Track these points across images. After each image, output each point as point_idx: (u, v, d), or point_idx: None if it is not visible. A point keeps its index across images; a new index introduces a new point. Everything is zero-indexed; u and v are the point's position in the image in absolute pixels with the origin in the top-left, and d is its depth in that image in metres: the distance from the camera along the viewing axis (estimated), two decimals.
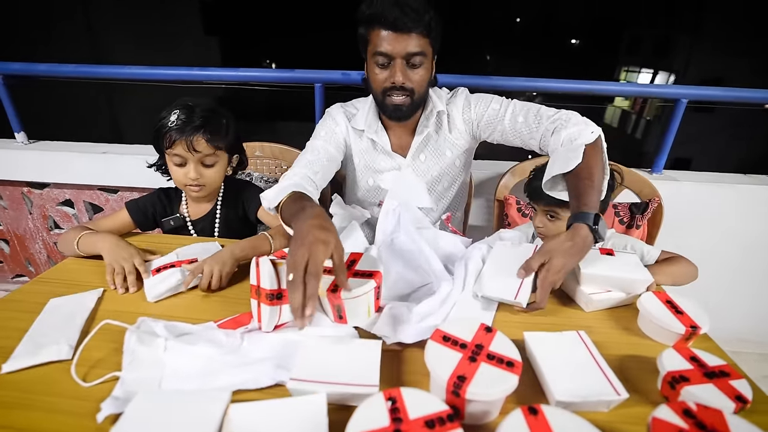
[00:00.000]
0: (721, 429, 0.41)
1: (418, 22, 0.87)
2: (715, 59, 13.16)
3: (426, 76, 0.95)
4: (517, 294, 0.68)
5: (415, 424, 0.41)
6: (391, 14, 0.85)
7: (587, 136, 0.84)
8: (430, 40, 0.92)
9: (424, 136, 1.04)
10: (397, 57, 0.90)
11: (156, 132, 0.92)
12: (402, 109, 0.96)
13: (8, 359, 0.56)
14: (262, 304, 0.62)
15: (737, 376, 0.53)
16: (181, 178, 0.94)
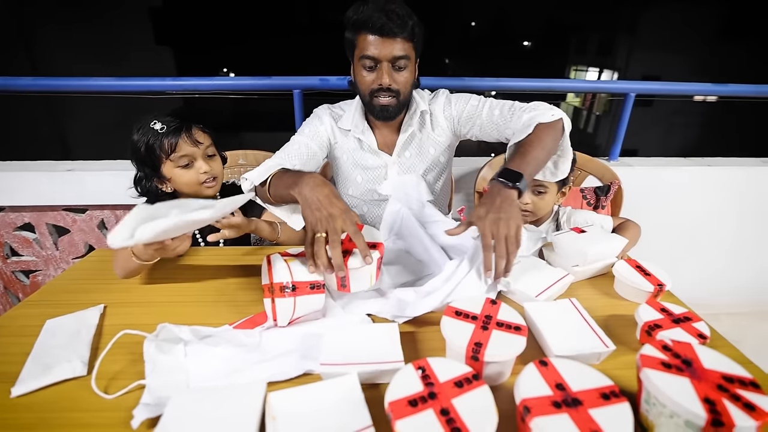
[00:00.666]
0: (691, 356, 0.49)
1: (403, 28, 0.93)
2: (653, 57, 14.33)
3: (410, 78, 1.01)
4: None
5: (446, 386, 0.47)
6: (378, 20, 0.91)
7: (545, 117, 0.90)
8: (413, 44, 0.98)
9: (408, 135, 1.10)
10: (383, 60, 0.96)
11: (147, 149, 0.90)
12: (389, 109, 1.02)
13: (15, 383, 0.54)
14: (277, 299, 0.64)
15: (697, 319, 0.64)
16: (193, 177, 0.94)
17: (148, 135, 0.89)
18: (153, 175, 0.94)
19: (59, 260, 1.62)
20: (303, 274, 0.66)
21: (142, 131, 0.90)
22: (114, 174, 1.49)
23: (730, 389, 0.45)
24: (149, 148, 0.90)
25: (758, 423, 0.41)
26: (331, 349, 0.57)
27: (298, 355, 0.60)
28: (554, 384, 0.47)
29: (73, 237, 1.59)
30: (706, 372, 0.47)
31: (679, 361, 0.49)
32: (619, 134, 1.63)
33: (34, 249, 1.60)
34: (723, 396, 0.44)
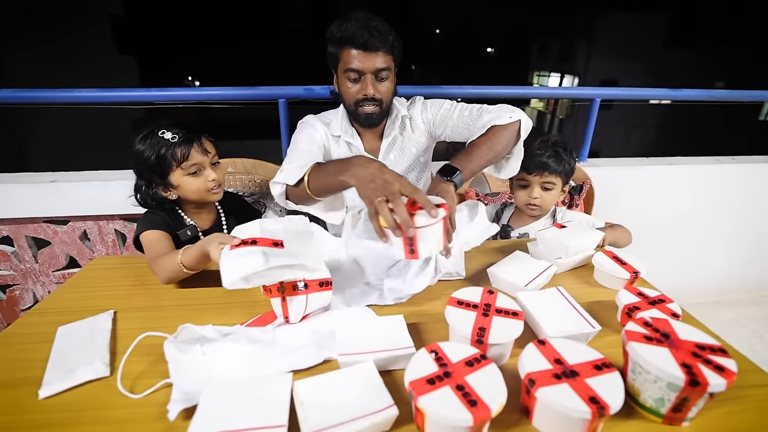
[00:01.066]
0: (668, 329, 0.56)
1: (385, 43, 1.00)
2: (610, 62, 15.18)
3: (391, 87, 1.09)
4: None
5: (458, 366, 0.51)
6: (362, 36, 0.98)
7: (502, 120, 0.96)
8: (393, 56, 1.06)
9: (391, 138, 1.18)
10: (367, 72, 1.03)
11: (157, 158, 0.91)
12: (373, 116, 1.09)
13: (41, 386, 0.56)
14: (289, 297, 0.68)
15: (670, 301, 0.72)
16: (201, 185, 0.96)
17: (158, 144, 0.91)
18: (160, 182, 0.95)
19: (38, 273, 1.57)
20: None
21: (150, 141, 0.92)
22: (97, 184, 1.47)
23: (703, 355, 0.52)
24: (161, 157, 0.91)
25: (727, 381, 0.48)
26: (346, 340, 0.61)
27: (313, 346, 0.63)
28: (553, 359, 0.53)
29: (53, 249, 1.54)
30: (681, 342, 0.54)
31: (659, 335, 0.55)
32: (587, 137, 1.75)
33: (11, 263, 1.54)
34: (697, 361, 0.51)
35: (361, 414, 0.48)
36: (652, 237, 1.91)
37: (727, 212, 1.95)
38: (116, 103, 1.56)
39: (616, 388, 0.49)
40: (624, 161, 1.84)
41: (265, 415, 0.48)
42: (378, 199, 0.67)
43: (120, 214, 1.54)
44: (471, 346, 0.58)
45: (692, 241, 1.99)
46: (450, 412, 0.45)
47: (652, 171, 1.80)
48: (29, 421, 0.51)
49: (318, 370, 0.58)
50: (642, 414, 0.54)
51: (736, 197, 1.93)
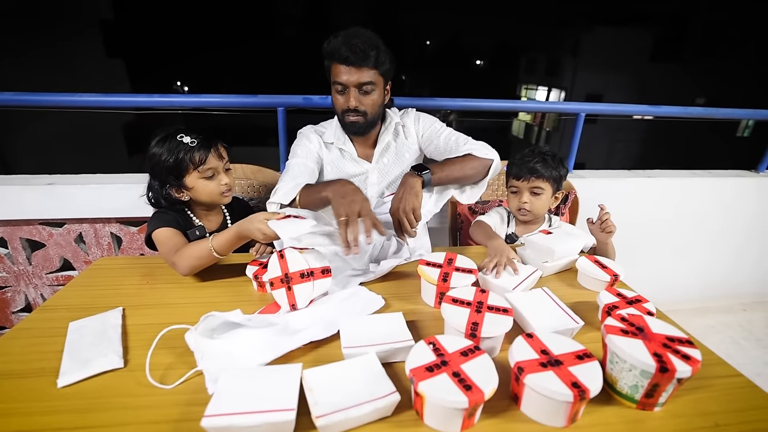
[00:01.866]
0: (642, 324, 0.62)
1: (365, 59, 1.06)
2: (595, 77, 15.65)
3: (377, 100, 1.15)
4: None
5: (454, 356, 0.56)
6: (345, 53, 1.05)
7: (479, 152, 1.12)
8: (378, 71, 1.11)
9: (384, 144, 1.24)
10: (350, 86, 1.09)
11: (175, 162, 0.95)
12: (356, 125, 1.16)
13: (59, 376, 0.59)
14: (295, 285, 0.75)
15: (645, 301, 0.78)
16: (215, 188, 1.00)
17: (177, 147, 0.95)
18: (175, 184, 0.99)
19: (31, 276, 1.57)
20: (316, 261, 0.80)
21: (168, 144, 0.95)
22: (95, 187, 1.48)
23: (672, 346, 0.58)
24: (179, 160, 0.95)
25: (692, 368, 0.54)
26: (349, 334, 0.66)
27: (324, 323, 0.71)
28: (539, 350, 0.58)
29: (48, 251, 1.55)
30: (654, 335, 0.60)
31: (634, 328, 0.61)
32: (573, 149, 1.83)
33: (5, 264, 1.53)
34: (667, 351, 0.57)
35: (366, 399, 0.52)
36: (633, 246, 2.00)
37: (705, 223, 2.05)
38: (112, 108, 1.56)
39: (595, 374, 0.54)
40: (607, 173, 1.93)
41: (276, 400, 0.52)
42: (341, 219, 0.84)
43: (116, 217, 1.55)
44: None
45: (671, 250, 2.08)
46: (447, 395, 0.50)
47: (633, 183, 1.89)
48: (51, 407, 0.54)
49: (324, 360, 0.62)
50: (619, 400, 0.59)
51: (714, 209, 2.03)
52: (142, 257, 1.05)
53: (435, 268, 0.84)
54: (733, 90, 14.21)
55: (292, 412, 0.50)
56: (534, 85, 19.84)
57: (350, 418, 0.51)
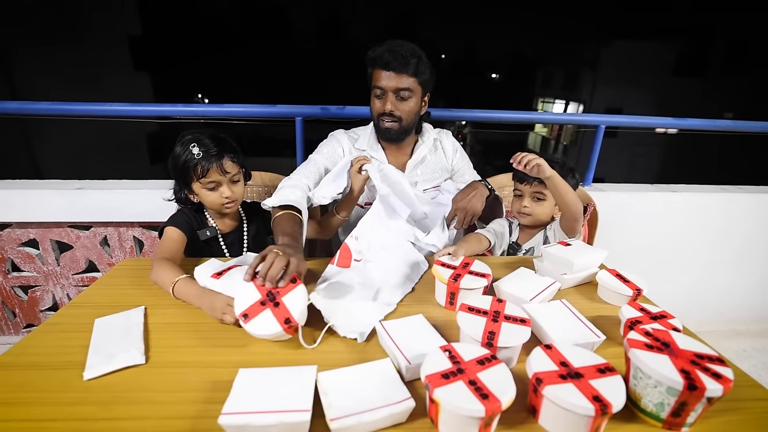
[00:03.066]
0: (669, 339, 0.60)
1: (405, 65, 1.10)
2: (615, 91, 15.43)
3: (414, 108, 1.17)
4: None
5: (471, 364, 0.55)
6: (386, 58, 1.10)
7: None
8: (417, 79, 1.14)
9: (421, 157, 1.28)
10: (388, 90, 1.14)
11: (182, 167, 0.99)
12: (391, 131, 1.19)
13: (85, 369, 0.61)
14: (283, 298, 0.71)
15: (671, 317, 0.75)
16: (216, 199, 1.03)
17: (185, 155, 0.99)
18: (185, 187, 1.04)
19: (59, 276, 1.63)
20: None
21: (182, 148, 1.00)
22: (121, 192, 1.54)
23: (701, 363, 0.55)
24: (185, 167, 1.00)
25: (724, 387, 0.52)
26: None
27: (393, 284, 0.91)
28: (559, 362, 0.57)
29: (75, 253, 1.60)
30: (681, 351, 0.58)
31: (659, 344, 0.59)
32: (592, 162, 1.81)
33: (35, 264, 1.60)
34: (696, 368, 0.54)
35: (381, 404, 0.52)
36: (655, 262, 1.93)
37: (734, 241, 1.97)
38: (136, 117, 1.62)
39: (618, 389, 0.52)
40: (628, 187, 1.88)
41: (292, 400, 0.52)
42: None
43: (139, 221, 1.61)
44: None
45: (697, 268, 2.00)
46: (463, 403, 0.49)
47: (656, 197, 1.84)
48: (77, 398, 0.56)
49: (338, 364, 0.61)
50: (643, 418, 0.57)
51: (743, 227, 1.94)
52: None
53: (448, 269, 0.86)
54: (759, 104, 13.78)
55: (307, 413, 0.51)
56: (551, 98, 19.72)
57: (364, 423, 0.50)
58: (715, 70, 15.57)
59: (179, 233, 1.02)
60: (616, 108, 15.30)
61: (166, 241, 1.00)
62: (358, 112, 1.58)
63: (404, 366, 0.60)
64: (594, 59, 16.65)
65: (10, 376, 0.60)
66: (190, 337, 0.71)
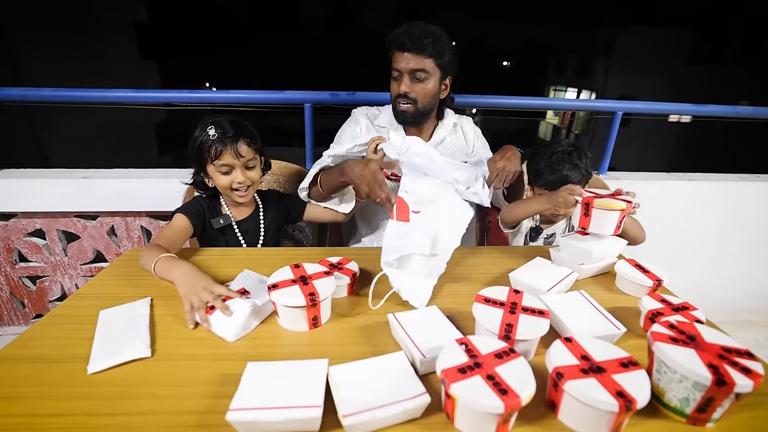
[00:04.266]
0: (694, 332, 0.57)
1: (420, 46, 1.08)
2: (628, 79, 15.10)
3: (431, 90, 1.15)
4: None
5: (488, 357, 0.53)
6: (401, 39, 1.09)
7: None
8: (434, 60, 1.11)
9: (440, 139, 1.27)
10: (404, 72, 1.12)
11: (198, 149, 0.99)
12: (406, 114, 1.17)
13: (89, 363, 0.59)
14: (314, 281, 0.72)
15: (694, 308, 0.72)
16: (227, 183, 1.02)
17: (202, 136, 0.98)
18: (200, 170, 1.04)
19: (67, 266, 1.63)
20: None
21: (200, 130, 0.99)
22: (127, 181, 1.53)
23: (729, 357, 0.53)
24: (200, 149, 0.99)
25: (754, 382, 0.49)
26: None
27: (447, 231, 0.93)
28: (580, 356, 0.54)
29: (82, 243, 1.60)
30: (707, 345, 0.55)
31: (685, 336, 0.56)
32: (608, 150, 1.75)
33: (43, 255, 1.60)
34: (724, 362, 0.52)
35: (395, 400, 0.50)
36: (670, 252, 1.89)
37: (749, 231, 1.92)
38: (142, 104, 1.61)
39: (642, 384, 0.50)
40: (643, 175, 1.84)
41: (303, 395, 0.50)
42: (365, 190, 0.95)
43: (147, 211, 1.59)
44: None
45: (711, 258, 1.96)
46: (481, 398, 0.47)
47: (670, 186, 1.79)
48: (81, 393, 0.54)
49: (350, 357, 0.59)
50: (666, 414, 0.54)
51: (758, 216, 1.90)
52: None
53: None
54: None
55: (318, 408, 0.49)
56: (563, 86, 19.36)
57: (378, 419, 0.48)
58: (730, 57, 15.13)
59: (186, 222, 1.01)
60: (629, 96, 14.98)
61: (168, 229, 0.99)
62: (368, 98, 1.53)
63: (419, 359, 0.58)
64: (608, 46, 16.25)
65: (12, 370, 0.58)
66: (198, 329, 0.69)
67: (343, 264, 0.83)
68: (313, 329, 0.70)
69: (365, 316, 0.75)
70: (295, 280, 0.71)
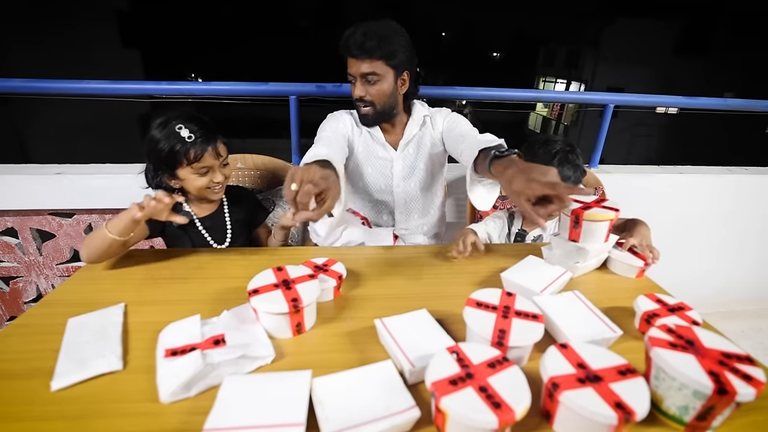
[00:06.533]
0: (692, 336, 0.55)
1: (364, 50, 1.07)
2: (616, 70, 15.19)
3: (385, 90, 1.13)
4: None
5: (480, 367, 0.50)
6: (347, 44, 1.08)
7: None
8: (384, 61, 1.09)
9: (411, 135, 1.25)
10: (356, 76, 1.12)
11: (170, 154, 0.92)
12: (367, 117, 1.18)
13: (53, 378, 0.55)
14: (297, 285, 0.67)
15: (689, 308, 0.71)
16: (205, 184, 0.98)
17: (174, 139, 0.91)
18: (167, 172, 0.97)
19: (42, 266, 1.56)
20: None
21: (166, 133, 0.92)
22: (104, 177, 1.46)
23: (729, 363, 0.51)
24: (173, 152, 0.92)
25: (756, 390, 0.47)
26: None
27: None
28: (576, 363, 0.52)
29: (58, 242, 1.53)
30: (707, 350, 0.53)
31: (684, 341, 0.54)
32: (599, 143, 1.74)
33: (16, 255, 1.53)
34: (724, 369, 0.50)
35: (382, 415, 0.47)
36: (660, 245, 1.89)
37: (738, 223, 1.94)
38: (123, 95, 1.57)
39: (641, 394, 0.48)
40: (634, 168, 1.83)
41: (283, 413, 0.47)
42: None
43: (126, 207, 1.52)
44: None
45: (700, 250, 1.97)
46: (474, 413, 0.44)
47: (661, 179, 1.79)
48: (43, 413, 0.50)
49: (335, 366, 0.56)
50: (664, 421, 0.53)
51: (747, 208, 1.91)
52: (145, 250, 1.01)
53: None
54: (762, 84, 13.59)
55: (301, 426, 0.45)
56: (552, 78, 19.39)
57: None
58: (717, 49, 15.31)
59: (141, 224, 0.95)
60: (618, 87, 15.08)
61: (119, 219, 0.91)
62: None
63: (407, 369, 0.55)
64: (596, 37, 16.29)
65: None
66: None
67: (328, 265, 0.79)
68: (297, 336, 0.66)
69: (352, 321, 0.71)
70: (278, 285, 0.67)
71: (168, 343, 0.60)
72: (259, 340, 0.63)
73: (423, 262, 0.95)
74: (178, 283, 0.82)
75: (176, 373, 0.54)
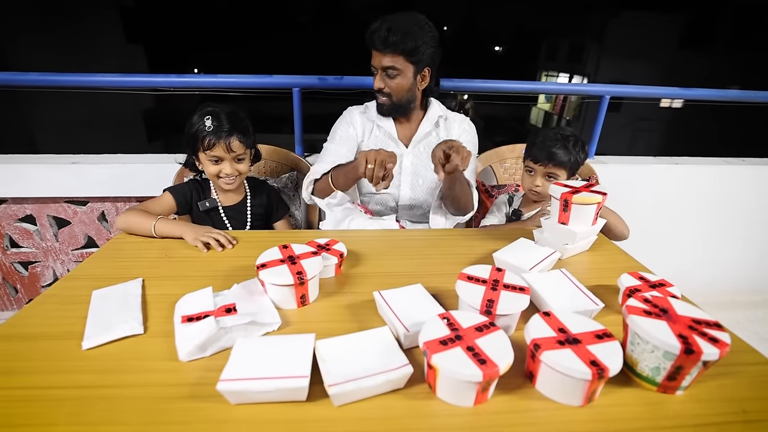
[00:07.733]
0: (667, 305, 0.60)
1: (386, 44, 1.11)
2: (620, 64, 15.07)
3: (404, 84, 1.17)
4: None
5: (469, 331, 0.55)
6: (371, 37, 1.13)
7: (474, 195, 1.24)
8: (404, 57, 1.13)
9: (425, 133, 1.28)
10: (377, 68, 1.17)
11: (192, 136, 1.02)
12: (383, 107, 1.23)
13: (83, 339, 0.61)
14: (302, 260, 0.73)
15: (670, 285, 0.75)
16: (215, 172, 1.06)
17: (198, 124, 1.01)
18: (192, 154, 1.08)
19: (58, 252, 1.63)
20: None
21: (198, 118, 1.02)
22: (117, 167, 1.52)
23: (698, 328, 0.55)
24: (195, 136, 1.02)
25: (720, 351, 0.52)
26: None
27: None
28: (557, 328, 0.57)
29: (73, 229, 1.60)
30: (678, 317, 0.58)
31: (657, 310, 0.59)
32: (595, 134, 1.77)
33: (34, 240, 1.60)
34: (693, 333, 0.54)
35: (379, 370, 0.52)
36: (656, 235, 1.93)
37: (734, 214, 1.96)
38: (127, 88, 1.57)
39: (615, 353, 0.52)
40: (630, 159, 1.86)
41: (290, 367, 0.52)
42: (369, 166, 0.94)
43: (136, 196, 1.59)
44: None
45: (697, 240, 2.00)
46: (461, 368, 0.49)
47: (658, 170, 1.82)
48: (77, 367, 0.56)
49: (336, 334, 0.61)
50: (638, 383, 0.57)
51: (744, 199, 1.94)
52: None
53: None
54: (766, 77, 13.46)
55: (305, 378, 0.51)
56: (555, 72, 19.28)
57: (362, 388, 0.50)
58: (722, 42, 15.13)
59: (170, 200, 1.08)
60: (621, 81, 14.97)
61: (153, 201, 1.06)
62: (356, 82, 1.53)
63: (402, 334, 0.61)
64: (600, 31, 16.17)
65: (8, 347, 0.60)
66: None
67: (330, 245, 0.84)
68: (301, 307, 0.72)
69: (352, 295, 0.77)
70: (283, 260, 0.73)
71: (184, 311, 0.65)
72: (266, 309, 0.68)
73: (420, 243, 1.00)
74: (191, 261, 0.88)
75: (193, 335, 0.59)
